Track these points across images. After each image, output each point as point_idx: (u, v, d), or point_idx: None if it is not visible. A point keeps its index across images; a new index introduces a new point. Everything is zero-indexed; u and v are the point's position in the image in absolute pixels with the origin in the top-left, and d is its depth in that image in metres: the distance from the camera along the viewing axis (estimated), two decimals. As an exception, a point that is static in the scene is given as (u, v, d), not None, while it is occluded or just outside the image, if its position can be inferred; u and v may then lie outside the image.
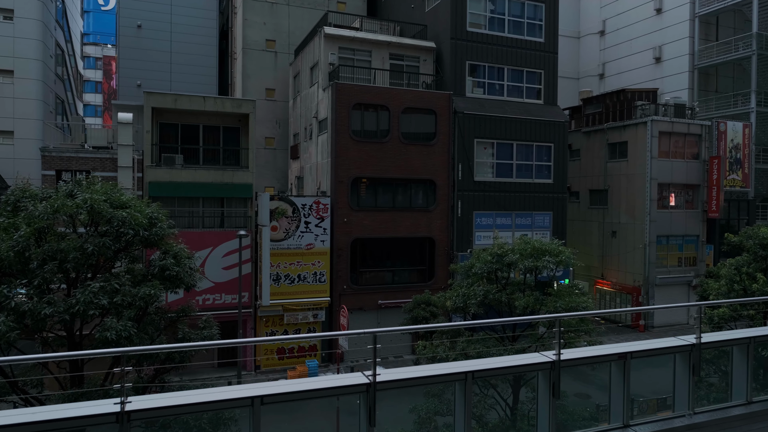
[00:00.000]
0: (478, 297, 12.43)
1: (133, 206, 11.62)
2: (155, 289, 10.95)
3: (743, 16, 37.53)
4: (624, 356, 5.18)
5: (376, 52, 26.44)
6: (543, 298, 12.20)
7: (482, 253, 13.42)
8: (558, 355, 4.86)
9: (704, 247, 31.78)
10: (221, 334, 13.38)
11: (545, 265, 12.08)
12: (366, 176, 24.29)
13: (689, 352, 5.52)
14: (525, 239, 13.30)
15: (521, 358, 4.95)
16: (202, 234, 21.71)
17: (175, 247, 12.38)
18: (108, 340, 9.79)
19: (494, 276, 13.02)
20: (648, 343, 5.55)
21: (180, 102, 21.71)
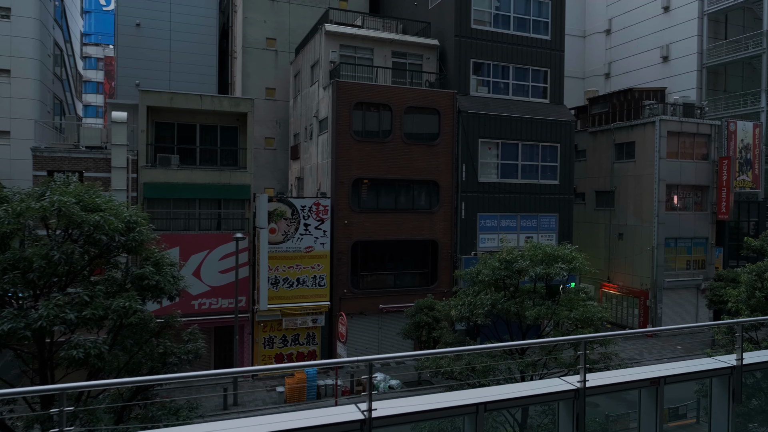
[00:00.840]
0: (485, 306, 11.72)
1: (108, 209, 10.73)
2: (131, 301, 10.00)
3: (753, 14, 36.78)
4: (656, 381, 4.54)
5: (378, 50, 25.82)
6: (555, 307, 11.53)
7: (489, 258, 12.74)
8: (583, 381, 4.23)
9: (713, 249, 31.03)
10: (207, 346, 12.62)
11: (557, 273, 11.41)
12: (367, 177, 23.66)
13: (729, 375, 4.88)
14: (535, 244, 12.58)
15: (540, 385, 4.32)
16: (198, 236, 21.11)
17: (157, 254, 11.54)
18: (75, 359, 8.96)
19: (502, 283, 12.34)
20: (683, 365, 4.90)
21: (176, 100, 21.11)
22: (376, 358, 3.77)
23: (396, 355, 3.99)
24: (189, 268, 20.88)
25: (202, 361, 22.20)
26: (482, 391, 4.16)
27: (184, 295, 20.78)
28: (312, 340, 23.07)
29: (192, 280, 20.88)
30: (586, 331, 11.53)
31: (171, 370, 10.79)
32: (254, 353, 22.20)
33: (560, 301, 11.91)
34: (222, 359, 22.44)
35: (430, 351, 4.14)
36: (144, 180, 20.55)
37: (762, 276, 11.61)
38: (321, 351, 23.10)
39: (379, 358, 3.79)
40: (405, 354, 4.09)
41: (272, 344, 22.43)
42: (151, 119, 21.45)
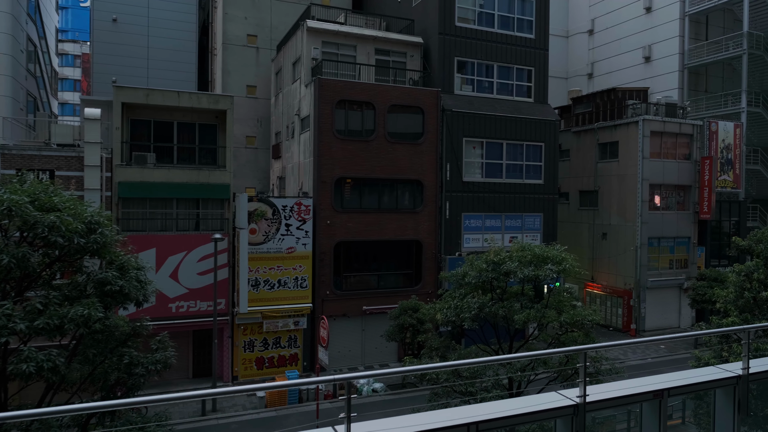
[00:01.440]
0: (472, 310, 11.33)
1: (66, 209, 9.92)
2: (91, 309, 9.19)
3: (733, 16, 37.10)
4: (660, 394, 4.20)
5: (361, 47, 25.38)
6: (544, 311, 11.20)
7: (476, 260, 12.37)
8: (583, 396, 3.87)
9: (696, 249, 31.17)
10: (178, 354, 11.92)
11: (547, 275, 11.08)
12: (350, 176, 23.22)
13: (734, 386, 4.56)
14: (523, 245, 12.25)
15: (536, 401, 3.95)
16: (175, 237, 20.47)
17: (122, 257, 10.83)
18: (25, 373, 8.25)
19: (489, 286, 11.97)
20: (686, 374, 4.56)
21: (152, 97, 20.46)
22: (354, 376, 3.37)
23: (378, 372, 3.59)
24: (166, 270, 20.26)
25: (180, 366, 21.60)
26: (473, 409, 3.78)
27: (161, 298, 20.20)
28: (294, 342, 22.56)
29: (169, 282, 20.28)
30: (576, 335, 11.26)
31: (138, 381, 10.19)
32: (234, 357, 21.62)
33: (549, 304, 11.60)
34: (201, 363, 21.84)
35: (420, 366, 3.75)
36: (119, 179, 19.86)
37: (751, 276, 11.46)
38: (303, 354, 22.61)
39: (358, 376, 3.39)
40: (388, 371, 3.68)
41: (252, 347, 21.87)
42: (126, 116, 20.77)
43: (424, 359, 11.85)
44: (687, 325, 30.89)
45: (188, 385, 21.19)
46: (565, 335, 11.50)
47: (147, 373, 10.47)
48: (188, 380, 21.61)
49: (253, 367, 21.93)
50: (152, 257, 20.04)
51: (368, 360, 23.78)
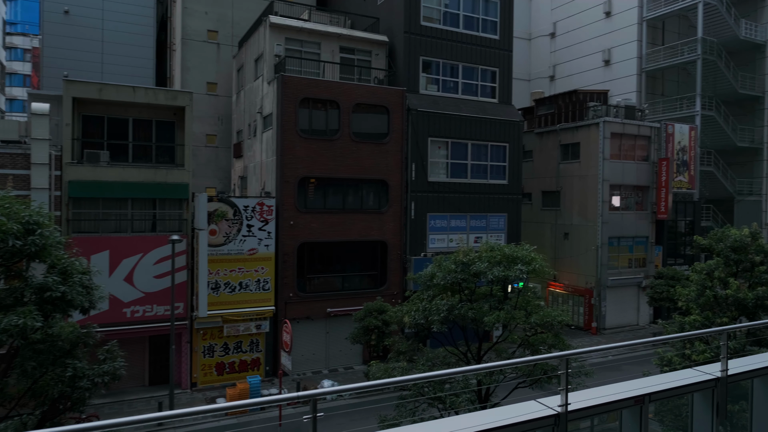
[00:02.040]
0: (441, 312, 11.06)
1: (0, 207, 9.12)
2: (27, 318, 8.39)
3: (688, 22, 38.28)
4: (641, 400, 4.00)
5: (325, 45, 24.95)
6: (513, 312, 11.03)
7: (444, 261, 12.13)
8: (565, 405, 3.63)
9: (653, 248, 31.93)
10: (128, 365, 11.09)
11: (517, 275, 10.92)
12: (314, 176, 22.75)
13: (712, 388, 4.41)
14: (491, 245, 12.08)
15: (514, 412, 3.69)
16: (130, 239, 19.59)
17: (65, 260, 10.00)
18: None
19: (458, 287, 11.73)
20: (666, 377, 4.39)
21: (106, 92, 19.52)
22: (320, 393, 3.03)
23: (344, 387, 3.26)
24: (120, 274, 19.37)
25: (135, 373, 20.71)
26: (447, 423, 3.49)
27: (115, 303, 19.30)
28: (256, 347, 21.94)
29: (124, 286, 19.41)
30: (545, 336, 11.15)
31: (82, 395, 9.48)
32: (193, 363, 20.85)
33: (517, 305, 11.46)
34: (158, 370, 20.98)
35: (399, 379, 3.43)
36: (69, 178, 18.86)
37: (711, 275, 11.62)
38: (265, 358, 22.00)
39: (324, 393, 3.05)
40: (356, 385, 3.34)
41: (213, 353, 21.15)
42: (77, 112, 19.76)
43: (392, 362, 11.54)
44: (645, 322, 31.61)
45: (144, 393, 20.32)
46: (534, 337, 11.39)
47: (93, 386, 9.74)
48: (144, 388, 20.74)
49: (213, 373, 21.20)
50: (105, 260, 19.13)
51: (333, 363, 23.36)
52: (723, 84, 35.68)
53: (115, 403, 19.50)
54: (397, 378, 3.33)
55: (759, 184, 37.08)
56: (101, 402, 19.37)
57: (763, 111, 37.19)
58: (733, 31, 35.39)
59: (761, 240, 12.13)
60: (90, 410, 18.80)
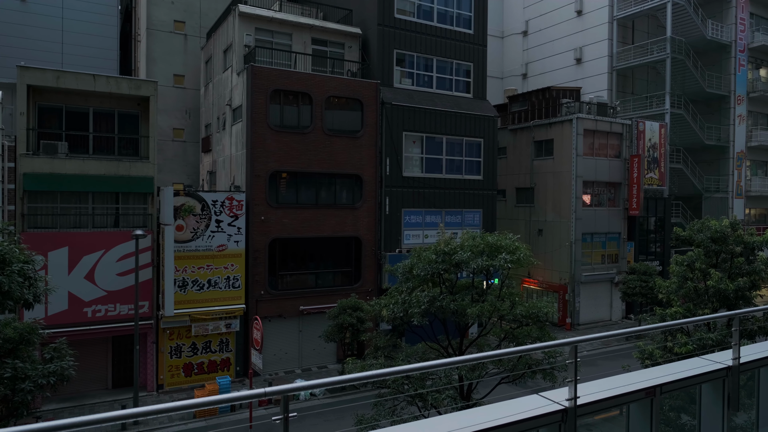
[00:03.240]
0: (422, 304, 10.55)
1: None
2: None
3: (656, 22, 38.80)
4: (652, 391, 3.61)
5: (297, 36, 24.28)
6: (498, 303, 10.63)
7: (424, 251, 11.65)
8: (573, 399, 3.20)
9: (625, 244, 32.20)
10: (77, 364, 10.24)
11: (501, 264, 10.51)
12: (286, 170, 22.08)
13: (723, 378, 4.06)
14: (473, 234, 11.67)
15: (515, 408, 3.25)
16: (91, 235, 18.60)
17: (2, 246, 9.13)
18: None
19: (439, 278, 11.26)
20: (676, 367, 4.02)
21: (64, 80, 18.48)
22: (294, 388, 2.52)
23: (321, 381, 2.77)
24: (81, 271, 18.38)
25: (97, 375, 19.72)
26: (440, 422, 3.04)
27: (75, 302, 18.31)
28: (225, 346, 21.15)
29: (84, 284, 18.43)
30: (530, 329, 10.77)
31: (25, 398, 8.71)
32: (159, 364, 19.96)
33: (501, 296, 11.07)
34: (121, 372, 20.02)
35: (375, 372, 2.93)
36: (24, 170, 17.78)
37: (693, 266, 11.49)
38: (236, 358, 21.24)
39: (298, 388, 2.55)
40: (332, 379, 2.82)
41: (180, 353, 20.29)
42: (33, 101, 18.67)
43: (369, 359, 11.02)
44: (618, 318, 31.84)
45: (107, 396, 19.35)
46: (518, 329, 11.01)
47: (36, 388, 8.93)
48: (107, 391, 19.76)
49: (181, 374, 20.35)
50: (64, 257, 18.13)
51: (306, 362, 22.73)
52: (691, 83, 36.27)
53: (75, 407, 18.49)
54: (376, 371, 2.86)
55: (725, 182, 37.82)
56: (60, 407, 18.36)
57: (729, 110, 37.96)
58: (701, 32, 36.00)
59: (740, 230, 12.09)
60: (48, 414, 17.80)
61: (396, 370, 3.12)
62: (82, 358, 19.44)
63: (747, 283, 11.42)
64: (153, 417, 17.89)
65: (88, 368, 19.54)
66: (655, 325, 4.10)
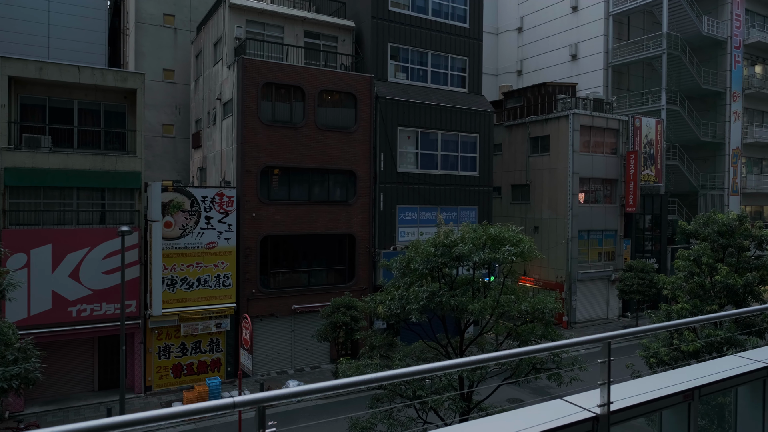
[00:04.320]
0: (420, 300, 10.01)
1: None
2: None
3: (652, 18, 38.52)
4: (690, 395, 3.16)
5: (289, 29, 23.74)
6: (501, 298, 10.15)
7: (422, 244, 11.13)
8: (606, 404, 2.74)
9: (622, 241, 31.87)
10: (45, 366, 9.66)
11: (505, 258, 10.00)
12: (278, 165, 21.54)
13: (764, 379, 3.61)
14: (474, 226, 11.17)
15: (540, 413, 2.78)
16: (76, 232, 17.99)
17: None
18: None
19: (438, 272, 10.73)
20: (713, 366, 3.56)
21: (47, 71, 17.86)
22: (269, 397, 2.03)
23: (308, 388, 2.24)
24: (65, 269, 17.78)
25: (83, 377, 19.12)
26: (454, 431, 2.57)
27: (59, 301, 17.70)
28: (216, 347, 20.60)
29: (69, 282, 17.82)
30: (534, 326, 10.30)
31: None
32: (147, 365, 19.38)
33: (504, 292, 10.60)
34: (108, 373, 19.43)
35: (388, 373, 2.44)
36: (5, 164, 17.15)
37: (699, 261, 11.09)
38: (226, 359, 20.69)
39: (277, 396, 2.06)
40: (321, 385, 2.29)
41: (169, 353, 19.72)
42: (15, 93, 18.04)
43: (364, 359, 10.51)
44: (615, 316, 31.52)
45: (93, 398, 18.75)
46: (523, 327, 10.52)
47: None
48: (93, 393, 19.15)
49: (170, 376, 19.77)
50: (47, 255, 17.52)
51: (299, 362, 22.21)
52: (687, 79, 36.00)
53: (60, 410, 17.89)
54: (371, 375, 2.37)
55: (721, 179, 37.61)
56: (44, 409, 17.75)
57: (725, 107, 37.74)
58: (696, 28, 35.73)
59: (747, 224, 11.70)
60: (31, 418, 17.19)
61: (399, 373, 2.65)
62: (67, 359, 18.88)
63: (756, 278, 11.03)
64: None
65: (73, 369, 18.96)
66: (692, 320, 3.63)
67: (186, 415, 1.82)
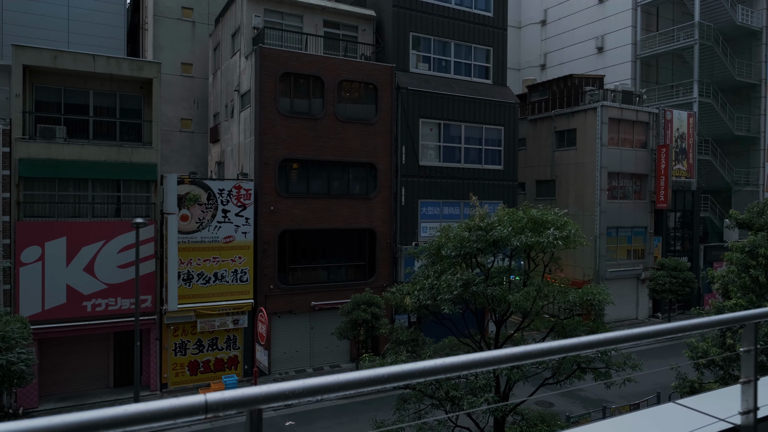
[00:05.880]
0: (454, 289, 9.09)
1: None
2: None
3: (682, 8, 37.14)
4: None
5: (308, 19, 23.12)
6: (547, 288, 9.31)
7: (454, 228, 10.28)
8: (752, 412, 1.98)
9: (652, 239, 30.65)
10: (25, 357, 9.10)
11: (550, 242, 9.08)
12: (296, 158, 20.92)
13: None
14: (510, 210, 10.29)
15: (657, 421, 2.05)
16: (91, 224, 17.57)
17: None
18: None
19: (473, 260, 9.85)
20: None
21: (62, 60, 17.48)
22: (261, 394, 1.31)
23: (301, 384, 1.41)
24: (80, 263, 17.36)
25: (98, 373, 18.71)
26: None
27: (74, 295, 17.29)
28: (233, 344, 20.05)
29: (84, 276, 17.41)
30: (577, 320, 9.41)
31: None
32: (163, 361, 18.90)
33: (545, 282, 9.76)
34: (123, 370, 19.00)
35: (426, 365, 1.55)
36: (20, 155, 16.79)
37: (754, 253, 10.17)
38: (244, 356, 20.13)
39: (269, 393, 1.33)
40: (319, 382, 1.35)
41: (185, 350, 19.22)
42: (30, 83, 17.70)
43: (389, 356, 9.75)
44: (644, 316, 30.31)
45: (108, 395, 18.32)
46: (568, 321, 9.64)
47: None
48: (108, 390, 18.74)
49: (186, 373, 19.27)
50: (62, 248, 17.12)
51: (318, 361, 21.56)
52: (719, 71, 34.58)
53: (74, 407, 17.47)
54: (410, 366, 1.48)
55: (756, 174, 36.09)
56: (58, 406, 17.39)
57: (760, 99, 36.21)
58: (730, 17, 34.32)
59: (808, 212, 10.75)
60: (44, 415, 16.80)
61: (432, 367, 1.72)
62: (83, 355, 18.48)
63: (820, 271, 10.06)
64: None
65: (88, 366, 18.57)
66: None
67: (138, 421, 1.11)
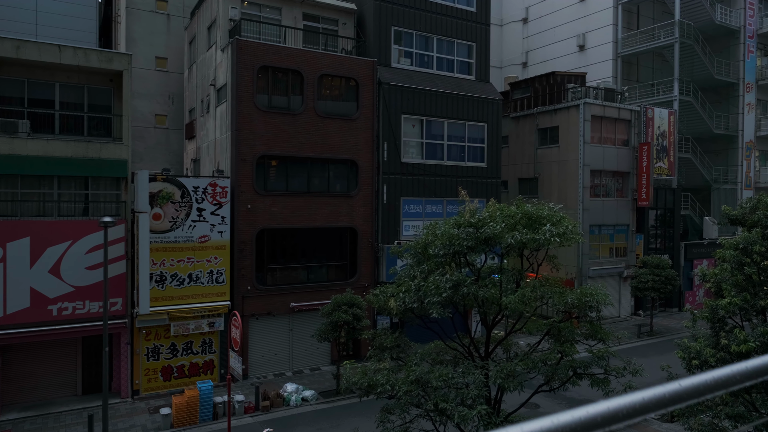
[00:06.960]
0: (443, 292, 8.50)
1: None
2: None
3: (662, 7, 37.28)
4: None
5: (287, 11, 22.44)
6: (543, 290, 8.84)
7: (440, 226, 9.72)
8: None
9: (634, 237, 30.60)
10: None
11: (546, 239, 8.57)
12: (274, 154, 20.25)
13: None
14: (502, 205, 9.78)
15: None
16: (57, 224, 16.68)
17: None
18: None
19: (462, 259, 9.29)
20: None
21: (25, 50, 16.55)
22: None
23: None
24: (44, 264, 16.47)
25: (65, 380, 17.82)
26: None
27: (38, 299, 16.38)
28: (209, 347, 19.30)
29: (49, 279, 16.52)
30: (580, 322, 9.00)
31: None
32: (134, 367, 18.07)
33: (545, 281, 9.27)
34: (93, 377, 18.12)
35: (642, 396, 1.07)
36: (-20, 151, 15.84)
37: (748, 250, 9.87)
38: (220, 360, 19.39)
39: None
40: None
41: (158, 355, 18.41)
42: (-9, 74, 16.73)
43: (372, 362, 9.18)
44: (627, 314, 30.24)
45: (76, 403, 17.43)
46: (564, 324, 9.17)
47: None
48: (76, 398, 17.84)
49: (159, 379, 18.47)
50: (26, 248, 16.21)
51: (297, 364, 20.91)
52: (699, 69, 34.74)
53: (39, 416, 16.57)
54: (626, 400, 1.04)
55: (734, 172, 36.36)
56: (22, 416, 16.45)
57: (738, 98, 36.49)
58: (709, 16, 34.50)
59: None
60: (6, 425, 15.89)
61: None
62: (48, 362, 17.57)
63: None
64: (125, 427, 15.98)
65: (54, 373, 17.66)
66: None
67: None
